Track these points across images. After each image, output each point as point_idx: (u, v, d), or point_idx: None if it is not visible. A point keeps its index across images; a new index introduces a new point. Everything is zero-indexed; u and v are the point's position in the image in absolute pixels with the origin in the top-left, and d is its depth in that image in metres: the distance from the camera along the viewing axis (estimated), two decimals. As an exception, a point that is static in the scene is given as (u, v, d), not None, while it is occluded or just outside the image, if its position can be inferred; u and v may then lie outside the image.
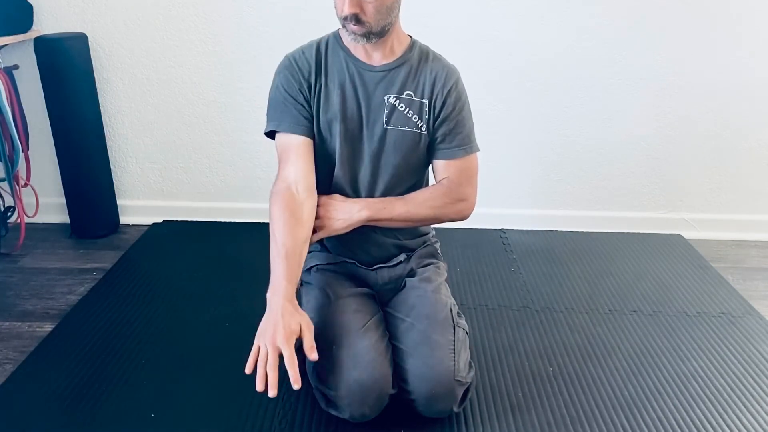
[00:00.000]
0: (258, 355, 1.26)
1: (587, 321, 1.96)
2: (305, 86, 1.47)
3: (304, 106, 1.47)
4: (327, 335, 1.46)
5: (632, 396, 1.61)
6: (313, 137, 1.49)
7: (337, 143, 1.49)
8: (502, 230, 2.61)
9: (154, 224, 2.64)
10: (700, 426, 1.51)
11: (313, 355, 1.30)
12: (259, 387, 1.23)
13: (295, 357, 1.25)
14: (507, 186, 2.60)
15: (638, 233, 2.60)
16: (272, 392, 1.21)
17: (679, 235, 2.60)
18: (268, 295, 1.34)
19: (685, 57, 2.41)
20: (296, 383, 1.22)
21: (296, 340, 1.50)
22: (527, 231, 2.61)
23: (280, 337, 1.26)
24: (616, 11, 2.36)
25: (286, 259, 1.35)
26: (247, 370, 1.26)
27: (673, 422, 1.52)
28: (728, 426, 1.51)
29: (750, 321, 1.97)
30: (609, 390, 1.64)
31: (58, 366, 1.70)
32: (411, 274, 1.60)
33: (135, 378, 1.66)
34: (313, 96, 1.48)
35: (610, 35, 2.39)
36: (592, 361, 1.76)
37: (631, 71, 2.43)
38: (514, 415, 1.54)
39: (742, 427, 1.51)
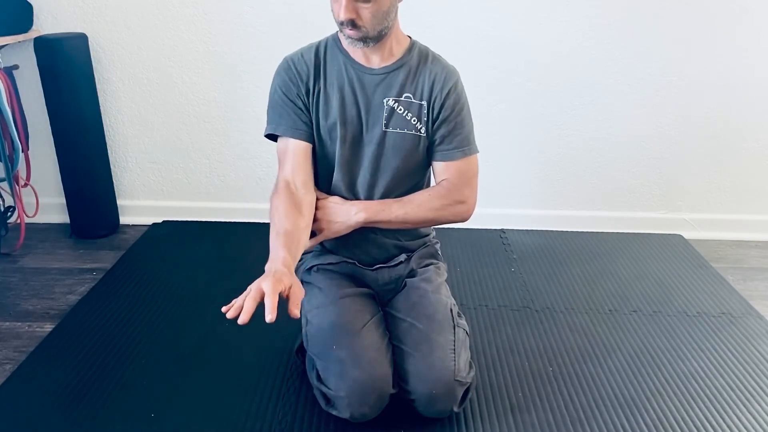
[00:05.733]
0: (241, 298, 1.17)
1: (587, 321, 1.96)
2: (303, 90, 1.48)
3: (302, 110, 1.48)
4: (327, 335, 1.46)
5: (632, 396, 1.61)
6: (312, 141, 1.49)
7: (336, 147, 1.49)
8: (502, 230, 2.61)
9: (154, 224, 2.64)
10: (700, 426, 1.51)
11: (294, 312, 1.18)
12: (230, 314, 1.14)
13: (276, 295, 1.15)
14: (507, 186, 2.60)
15: (638, 233, 2.60)
16: (243, 318, 1.12)
17: (679, 235, 2.60)
18: (266, 266, 1.26)
19: (685, 57, 2.41)
20: (271, 313, 1.11)
21: (298, 347, 1.55)
22: (527, 231, 2.61)
23: (266, 281, 1.17)
24: (615, 12, 2.36)
25: (285, 236, 1.34)
26: (224, 309, 1.15)
27: (673, 422, 1.52)
28: (728, 426, 1.51)
29: (750, 321, 1.97)
30: (609, 390, 1.64)
31: (58, 366, 1.70)
32: (411, 274, 1.60)
33: (135, 378, 1.66)
34: (312, 100, 1.48)
35: (610, 36, 2.39)
36: (592, 361, 1.76)
37: (631, 72, 2.43)
38: (514, 415, 1.54)
39: (742, 426, 1.51)
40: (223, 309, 1.16)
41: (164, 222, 2.65)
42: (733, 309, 2.04)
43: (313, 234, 1.50)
